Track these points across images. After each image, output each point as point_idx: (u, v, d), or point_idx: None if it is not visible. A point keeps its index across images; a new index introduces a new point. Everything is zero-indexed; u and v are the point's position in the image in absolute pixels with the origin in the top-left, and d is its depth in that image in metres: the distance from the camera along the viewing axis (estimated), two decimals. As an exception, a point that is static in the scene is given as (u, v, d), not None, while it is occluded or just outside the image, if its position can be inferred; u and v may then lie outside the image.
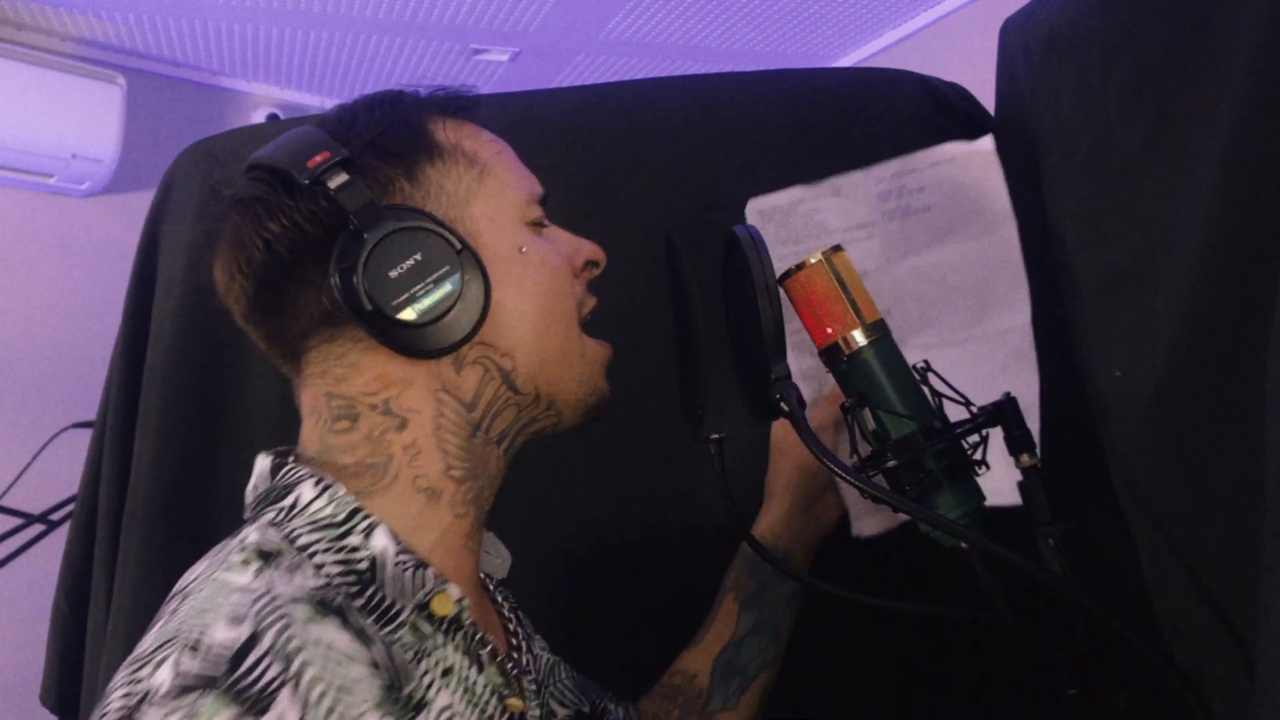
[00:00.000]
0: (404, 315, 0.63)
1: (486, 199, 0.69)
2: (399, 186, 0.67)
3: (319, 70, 2.59)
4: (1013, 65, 0.95)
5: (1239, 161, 0.59)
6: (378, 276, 0.62)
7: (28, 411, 2.14)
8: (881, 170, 0.89)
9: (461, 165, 0.70)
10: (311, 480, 0.64)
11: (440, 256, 0.64)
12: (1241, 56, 0.59)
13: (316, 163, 0.64)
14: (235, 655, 0.51)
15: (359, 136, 0.67)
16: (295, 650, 0.53)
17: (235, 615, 0.53)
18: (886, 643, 1.01)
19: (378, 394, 0.66)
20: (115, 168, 2.30)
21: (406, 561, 0.62)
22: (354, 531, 0.62)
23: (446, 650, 0.63)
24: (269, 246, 0.65)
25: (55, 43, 2.36)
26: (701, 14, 2.31)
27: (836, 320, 0.72)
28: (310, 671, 0.52)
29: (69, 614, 1.10)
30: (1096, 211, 0.78)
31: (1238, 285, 0.60)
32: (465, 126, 0.73)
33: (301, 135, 0.67)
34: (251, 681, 0.50)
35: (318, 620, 0.55)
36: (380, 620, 0.60)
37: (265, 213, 0.66)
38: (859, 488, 0.62)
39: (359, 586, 0.60)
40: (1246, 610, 0.61)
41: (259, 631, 0.52)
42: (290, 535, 0.61)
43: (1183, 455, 0.68)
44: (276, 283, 0.66)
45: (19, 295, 2.29)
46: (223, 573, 0.57)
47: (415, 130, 0.70)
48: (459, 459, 0.67)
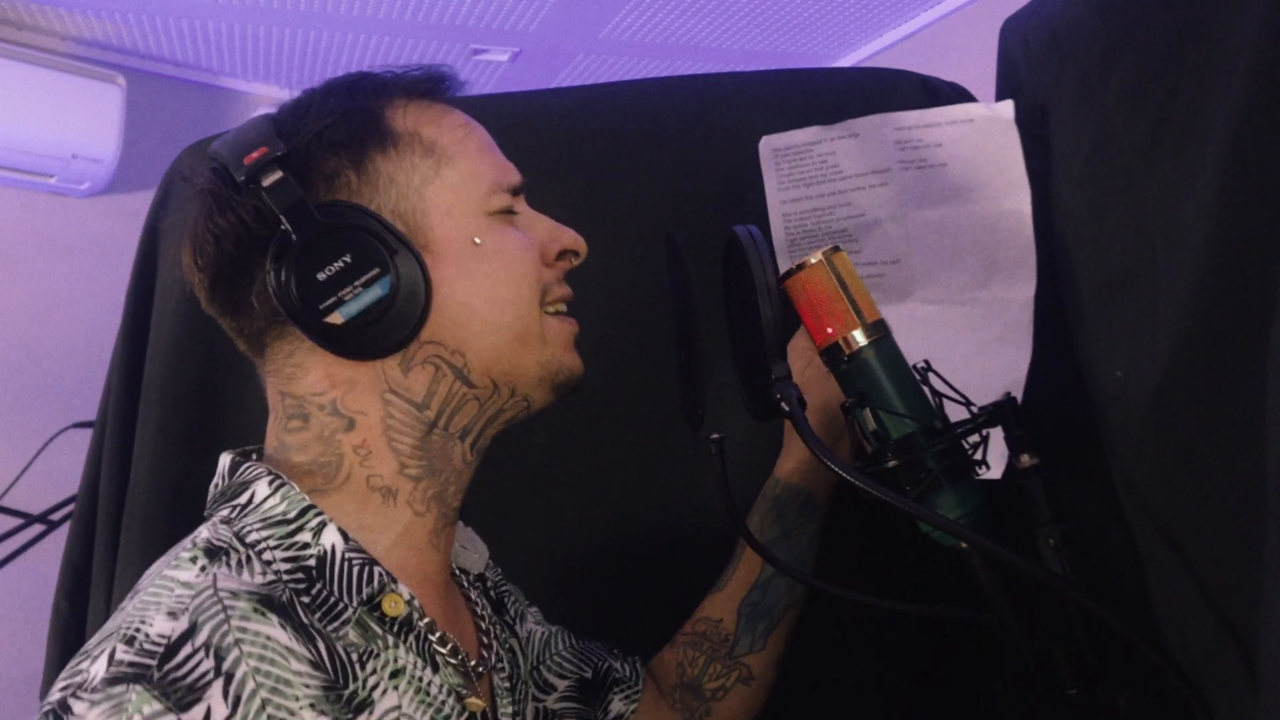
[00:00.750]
0: (331, 319, 0.62)
1: (442, 189, 0.67)
2: (345, 180, 0.65)
3: (319, 70, 2.59)
4: (1013, 65, 0.95)
5: (1240, 161, 0.59)
6: (305, 277, 0.61)
7: (28, 411, 2.14)
8: (901, 118, 0.88)
9: (417, 154, 0.67)
10: (267, 478, 0.63)
11: (372, 258, 0.62)
12: (1242, 56, 0.59)
13: (253, 159, 0.62)
14: (169, 648, 0.51)
15: (306, 128, 0.65)
16: (230, 645, 0.52)
17: (174, 609, 0.53)
18: (886, 643, 1.01)
19: (324, 394, 0.65)
20: (115, 168, 2.30)
21: (355, 559, 0.61)
22: (304, 529, 0.61)
23: (397, 651, 0.62)
24: (218, 242, 0.65)
25: (55, 43, 2.36)
26: (701, 14, 2.30)
27: (837, 320, 0.72)
28: (244, 666, 0.52)
29: (69, 614, 1.10)
30: (1097, 211, 0.78)
31: (1239, 285, 0.60)
32: (430, 110, 0.70)
33: (248, 128, 0.66)
34: (182, 675, 0.50)
35: (258, 616, 0.54)
36: (326, 618, 0.59)
37: (215, 207, 0.65)
38: (859, 488, 0.62)
39: (305, 583, 0.60)
40: (1247, 610, 0.61)
41: (196, 624, 0.52)
42: (241, 532, 0.61)
43: (1184, 455, 0.68)
44: (228, 277, 0.65)
45: (19, 295, 2.29)
46: (170, 570, 0.57)
47: (368, 118, 0.67)
48: (413, 458, 0.66)
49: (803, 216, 0.93)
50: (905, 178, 0.88)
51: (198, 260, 0.66)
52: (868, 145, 0.89)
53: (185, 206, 1.08)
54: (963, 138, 0.86)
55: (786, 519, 0.90)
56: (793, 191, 0.92)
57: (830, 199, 0.92)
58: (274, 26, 2.31)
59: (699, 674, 0.88)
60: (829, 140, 0.91)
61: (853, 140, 0.90)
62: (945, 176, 0.87)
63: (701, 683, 0.88)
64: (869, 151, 0.89)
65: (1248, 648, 0.62)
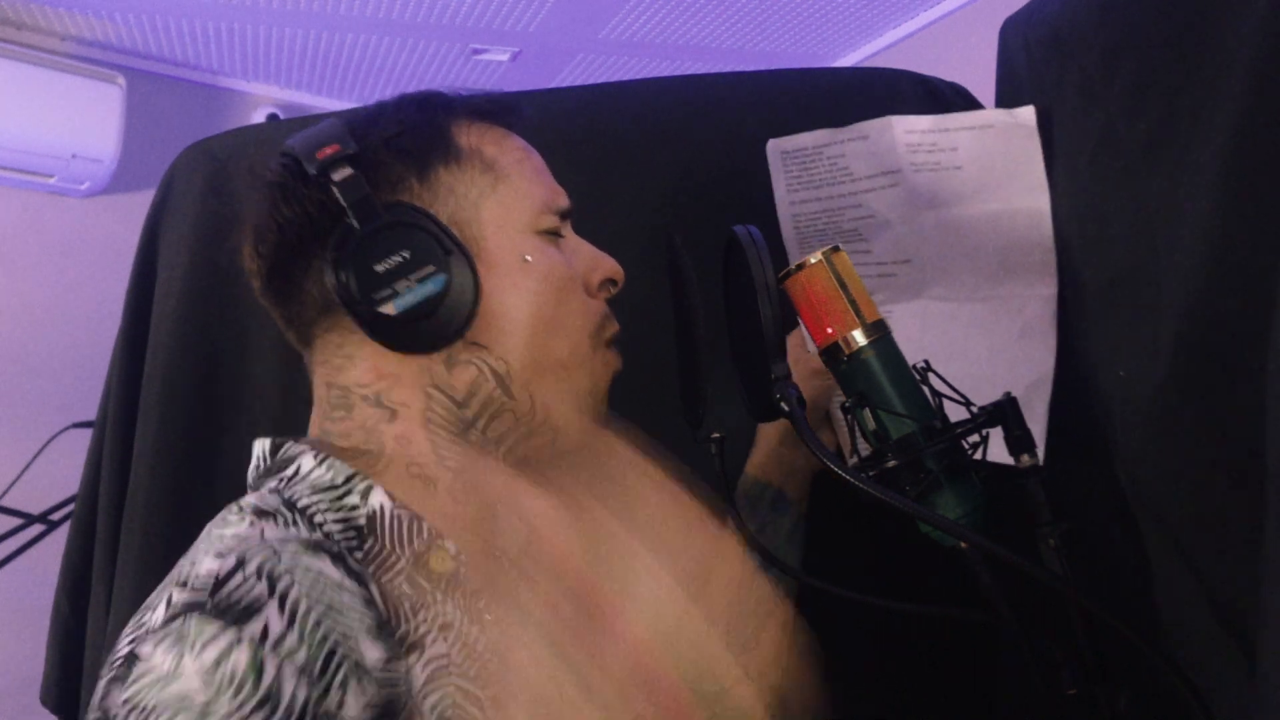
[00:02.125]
0: (384, 309, 0.64)
1: (497, 205, 0.70)
2: (409, 185, 0.68)
3: (319, 70, 2.59)
4: (1013, 65, 0.95)
5: (1242, 160, 0.59)
6: (363, 268, 0.64)
7: (28, 411, 2.14)
8: (914, 122, 0.89)
9: (477, 170, 0.71)
10: (311, 453, 0.65)
11: (428, 256, 0.65)
12: (1244, 55, 0.59)
13: (326, 154, 0.66)
14: (220, 580, 0.53)
15: (377, 133, 0.69)
16: (281, 572, 0.54)
17: (221, 550, 0.55)
18: (886, 643, 1.01)
19: (370, 386, 0.68)
20: (115, 168, 2.30)
21: (404, 515, 0.64)
22: (352, 492, 0.64)
23: (445, 606, 0.63)
24: (281, 230, 0.68)
25: (55, 43, 2.36)
26: (701, 14, 2.30)
27: (836, 320, 0.72)
28: (296, 589, 0.54)
29: (69, 614, 1.10)
30: (1100, 211, 0.78)
31: (1241, 284, 0.60)
32: (492, 131, 0.74)
33: (323, 127, 0.69)
34: (237, 599, 0.52)
35: (308, 553, 0.57)
36: (380, 569, 0.61)
37: (282, 197, 0.68)
38: (859, 488, 0.62)
39: (357, 540, 0.62)
40: (1247, 610, 0.61)
41: (244, 558, 0.54)
42: (290, 499, 0.63)
43: (1186, 454, 0.68)
44: (286, 267, 0.69)
45: (19, 295, 2.29)
46: (217, 528, 0.60)
47: (435, 132, 0.71)
48: (450, 451, 0.68)
49: (813, 218, 0.93)
50: (917, 180, 0.88)
51: (259, 248, 0.70)
52: (877, 148, 0.90)
53: (186, 208, 1.09)
54: (981, 142, 0.87)
55: (759, 514, 0.91)
56: (802, 193, 0.92)
57: (840, 200, 0.92)
58: (274, 26, 2.31)
59: None
60: (839, 143, 0.92)
61: (862, 143, 0.90)
62: (960, 179, 0.87)
63: None
64: (879, 154, 0.90)
65: (1248, 648, 0.62)
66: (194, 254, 1.06)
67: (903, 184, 0.89)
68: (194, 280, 1.05)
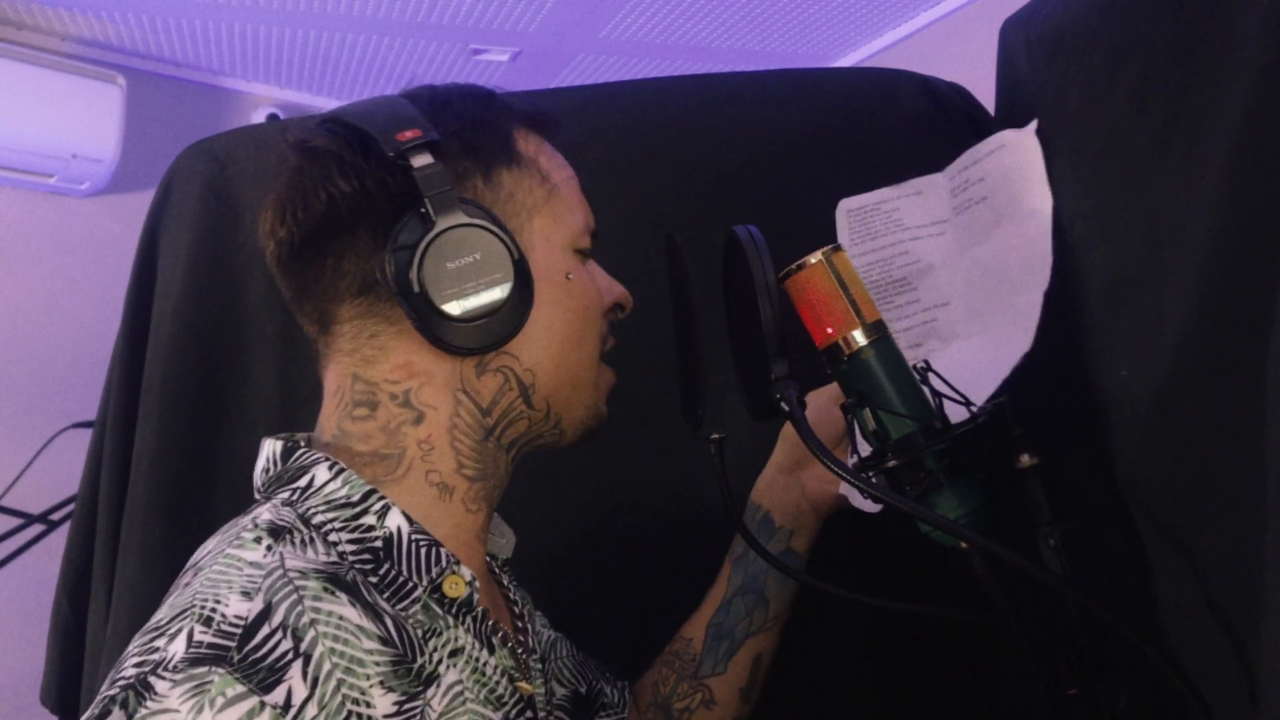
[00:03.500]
0: (448, 307, 0.63)
1: (547, 219, 0.71)
2: (473, 183, 0.68)
3: (319, 70, 2.59)
4: (1014, 65, 0.95)
5: (1247, 160, 0.59)
6: (435, 264, 0.63)
7: (28, 411, 2.14)
8: (954, 166, 0.91)
9: (535, 179, 0.71)
10: (326, 464, 0.64)
11: (498, 262, 0.64)
12: (1249, 56, 0.59)
13: (406, 137, 0.64)
14: (247, 629, 0.52)
15: (449, 124, 0.67)
16: (307, 625, 0.54)
17: (247, 589, 0.54)
18: (887, 643, 1.01)
19: (400, 383, 0.67)
20: (115, 168, 2.30)
21: (421, 541, 0.63)
22: (369, 512, 0.63)
23: (457, 632, 0.64)
24: (331, 201, 0.66)
25: (55, 43, 2.36)
26: (701, 14, 2.30)
27: (837, 320, 0.72)
28: (320, 647, 0.53)
29: (69, 614, 1.10)
30: (1104, 211, 0.78)
31: (1246, 285, 0.60)
32: (544, 145, 0.74)
33: (394, 106, 0.67)
34: (262, 656, 0.51)
35: (328, 596, 0.56)
36: (394, 597, 0.61)
37: (337, 169, 0.66)
38: (859, 487, 0.62)
39: (373, 564, 0.61)
40: (1248, 610, 0.61)
41: (271, 605, 0.53)
42: (305, 514, 0.62)
43: (1187, 455, 0.68)
44: (325, 239, 0.67)
45: (19, 295, 2.29)
46: (234, 549, 0.58)
47: (501, 133, 0.70)
48: (471, 459, 0.68)
49: (867, 269, 0.95)
50: (958, 222, 0.91)
51: (295, 214, 0.67)
52: (930, 200, 0.93)
53: (185, 208, 1.09)
54: (998, 166, 0.88)
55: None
56: (860, 246, 0.95)
57: (891, 249, 0.95)
58: (274, 26, 2.31)
59: (669, 692, 0.89)
60: (895, 199, 0.94)
61: (916, 197, 0.93)
62: (986, 210, 0.88)
63: (671, 701, 0.89)
64: (931, 205, 0.93)
65: (1248, 648, 0.62)
66: (194, 254, 1.06)
67: (949, 230, 0.92)
68: (194, 280, 1.05)
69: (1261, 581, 0.57)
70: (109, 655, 0.99)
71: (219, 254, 1.07)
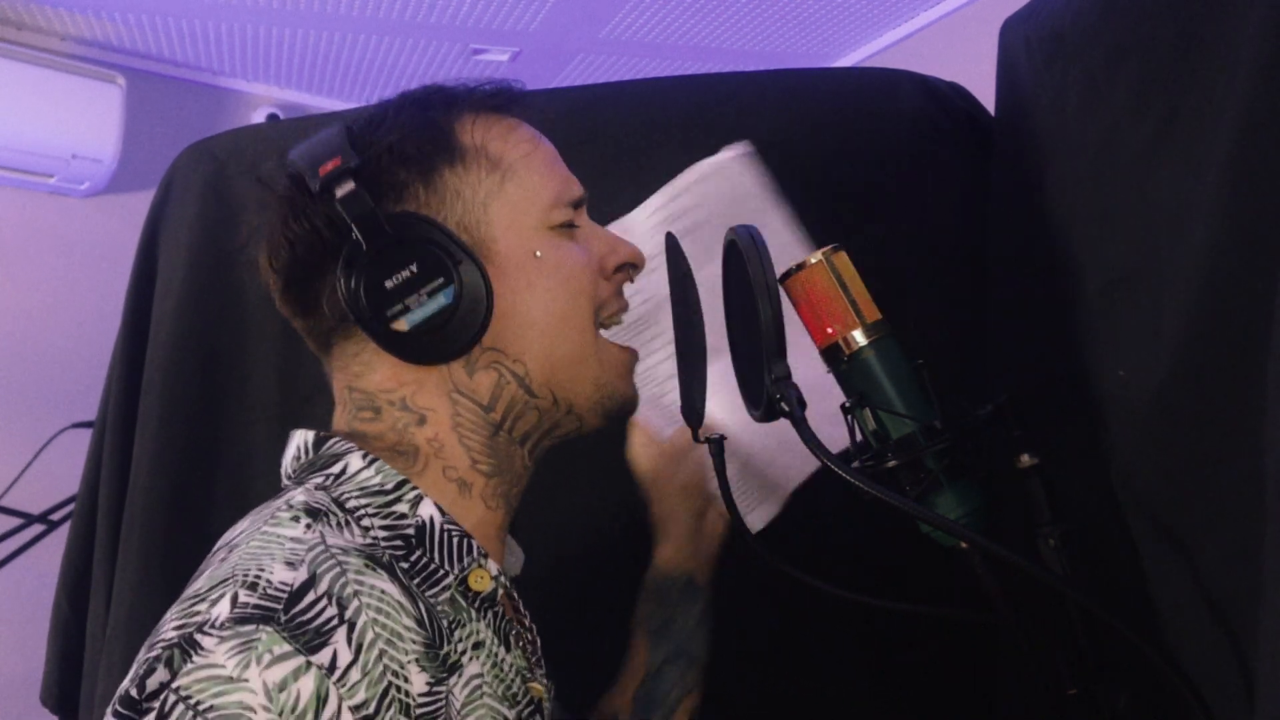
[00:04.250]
0: (396, 326, 0.64)
1: (505, 204, 0.69)
2: (414, 192, 0.67)
3: (319, 70, 2.59)
4: (1014, 65, 0.95)
5: (1246, 161, 0.59)
6: (373, 286, 0.63)
7: (28, 411, 2.14)
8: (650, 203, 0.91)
9: (483, 170, 0.69)
10: (359, 453, 0.65)
11: (437, 268, 0.64)
12: (1248, 56, 0.59)
13: (328, 170, 0.65)
14: (293, 594, 0.52)
15: (379, 141, 0.68)
16: (351, 595, 0.54)
17: (290, 560, 0.55)
18: (887, 643, 1.01)
19: (393, 391, 0.68)
20: (115, 168, 2.29)
21: (453, 531, 0.64)
22: (402, 500, 0.64)
23: (478, 625, 0.64)
24: (292, 247, 0.67)
25: (55, 43, 2.36)
26: (701, 14, 2.30)
27: (837, 320, 0.71)
28: (364, 616, 0.54)
29: (69, 614, 1.10)
30: (1102, 211, 0.78)
31: (1243, 285, 0.60)
32: (498, 125, 0.72)
33: (323, 139, 0.68)
34: (309, 620, 0.51)
35: (370, 570, 0.57)
36: (425, 583, 0.62)
37: (290, 213, 0.68)
38: (860, 487, 0.62)
39: (405, 550, 0.62)
40: (1247, 610, 0.61)
41: (315, 575, 0.54)
42: (339, 498, 0.63)
43: (1185, 456, 0.68)
44: (301, 281, 0.68)
45: (19, 295, 2.29)
46: (271, 526, 0.58)
47: (438, 133, 0.69)
48: (483, 455, 0.68)
49: None
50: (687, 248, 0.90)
51: (273, 263, 0.70)
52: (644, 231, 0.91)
53: (185, 208, 1.09)
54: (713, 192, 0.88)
55: (669, 603, 0.90)
56: None
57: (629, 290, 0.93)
58: (274, 26, 2.31)
59: None
60: None
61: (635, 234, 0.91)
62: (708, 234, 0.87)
63: None
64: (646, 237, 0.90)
65: (1247, 648, 0.62)
66: (194, 254, 1.06)
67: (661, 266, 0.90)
68: (194, 280, 1.05)
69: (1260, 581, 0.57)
70: (109, 655, 0.99)
71: (219, 254, 1.07)
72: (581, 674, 0.87)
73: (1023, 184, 0.92)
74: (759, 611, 1.01)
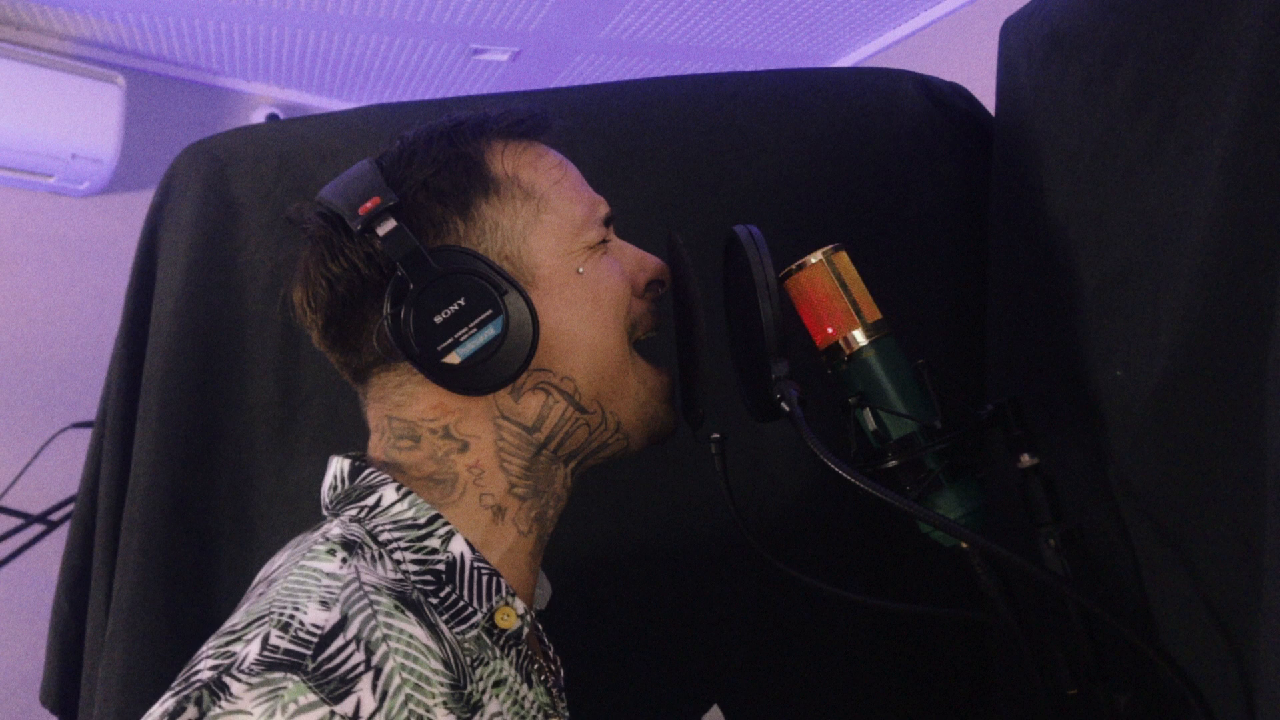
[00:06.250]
0: (448, 360, 0.64)
1: (543, 231, 0.70)
2: (453, 226, 0.68)
3: (319, 70, 2.59)
4: (1014, 65, 0.95)
5: (1243, 162, 0.59)
6: (423, 321, 0.64)
7: (28, 411, 2.14)
8: None
9: (518, 199, 0.70)
10: (394, 484, 0.66)
11: (485, 301, 0.65)
12: (1245, 57, 0.59)
13: (367, 209, 0.65)
14: (323, 638, 0.53)
15: (413, 177, 0.68)
16: (379, 640, 0.55)
17: (325, 599, 0.55)
18: (887, 643, 1.01)
19: (436, 420, 0.68)
20: (115, 168, 2.30)
21: (483, 569, 0.65)
22: (433, 535, 0.64)
23: (502, 663, 0.65)
24: (331, 286, 0.68)
25: (55, 43, 2.36)
26: (701, 14, 2.30)
27: (837, 320, 0.71)
28: (391, 662, 0.54)
29: (69, 614, 1.10)
30: (1100, 211, 0.78)
31: (1241, 285, 0.60)
32: (527, 152, 0.73)
33: (358, 177, 0.68)
34: (335, 666, 0.52)
35: (399, 614, 0.57)
36: (453, 620, 0.62)
37: (328, 253, 0.68)
38: (860, 487, 0.62)
39: (434, 585, 0.63)
40: (1246, 610, 0.61)
41: (347, 616, 0.55)
42: (373, 531, 0.64)
43: (1183, 455, 0.68)
44: (341, 320, 0.69)
45: (19, 295, 2.29)
46: (309, 561, 0.59)
47: (470, 165, 0.70)
48: (521, 478, 0.69)
49: None
50: None
51: (310, 302, 0.70)
52: None
53: (185, 208, 1.09)
54: None
55: None
56: None
57: None
58: (274, 26, 2.31)
59: None
60: None
61: None
62: None
63: None
64: None
65: (1247, 647, 0.62)
66: (194, 254, 1.06)
67: None
68: (194, 280, 1.05)
69: (1259, 580, 0.57)
70: (109, 656, 0.99)
71: (219, 254, 1.07)
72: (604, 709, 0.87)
73: (1022, 184, 0.92)
74: (759, 611, 1.01)
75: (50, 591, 1.12)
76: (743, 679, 0.99)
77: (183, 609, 0.99)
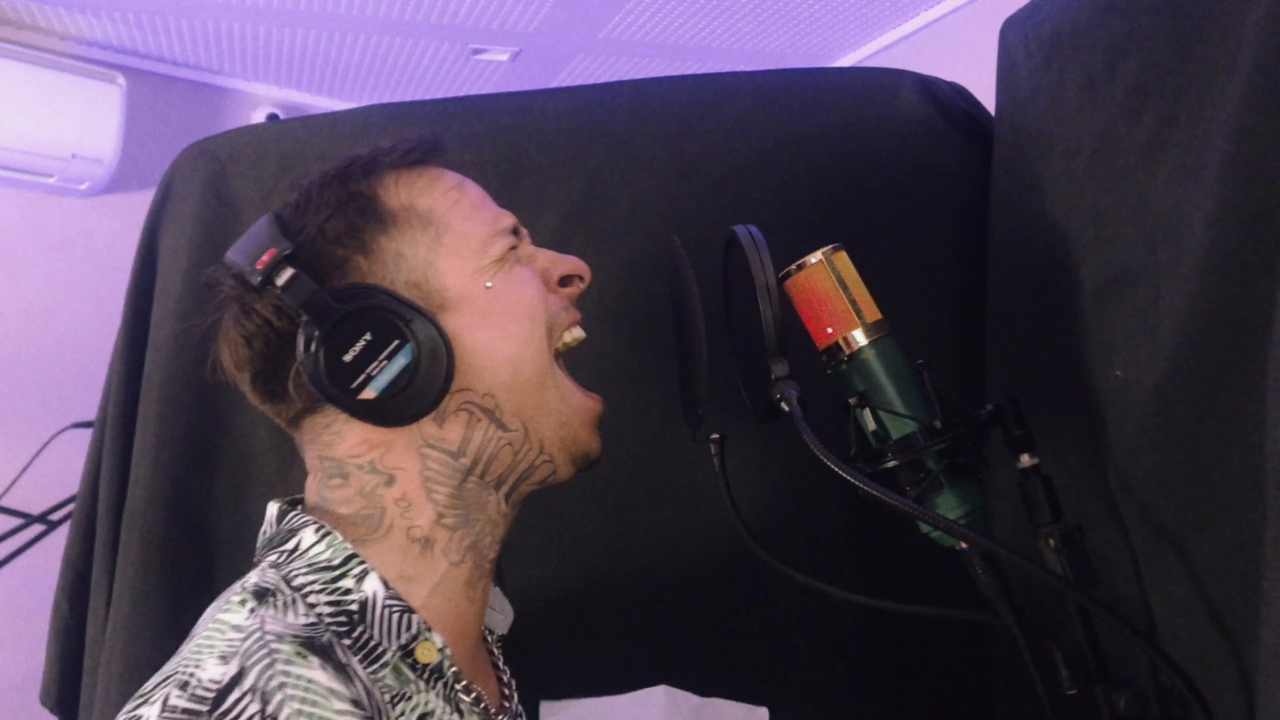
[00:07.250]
0: (365, 395, 0.65)
1: (447, 254, 0.70)
2: (356, 264, 0.68)
3: (319, 70, 2.59)
4: (1014, 65, 0.95)
5: (1243, 162, 0.59)
6: (333, 361, 0.64)
7: (28, 411, 2.14)
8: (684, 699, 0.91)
9: (417, 227, 0.70)
10: (313, 526, 0.66)
11: (390, 331, 0.65)
12: (1245, 57, 0.59)
13: (264, 261, 0.66)
14: (220, 693, 0.53)
15: (310, 224, 0.69)
16: (276, 688, 0.55)
17: (225, 653, 0.56)
18: (886, 644, 1.01)
19: (362, 456, 0.68)
20: (115, 168, 2.30)
21: (395, 606, 0.65)
22: (348, 575, 0.64)
23: (428, 696, 0.65)
24: (250, 343, 0.69)
25: (55, 43, 2.36)
26: (701, 14, 2.30)
27: (837, 320, 0.71)
28: (288, 708, 0.54)
29: (69, 614, 1.10)
30: (1099, 211, 0.78)
31: (1241, 285, 0.60)
32: (421, 179, 0.73)
33: (255, 233, 0.69)
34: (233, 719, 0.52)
35: (299, 660, 0.57)
36: (365, 659, 0.62)
37: (241, 312, 0.69)
38: (860, 487, 0.62)
39: (347, 626, 0.63)
40: (1246, 610, 0.61)
41: (245, 669, 0.55)
42: (288, 576, 0.64)
43: (1182, 456, 0.68)
44: (265, 374, 0.69)
45: (19, 295, 2.29)
46: (222, 614, 0.60)
47: (364, 203, 0.70)
48: (450, 507, 0.69)
49: None
50: None
51: (235, 362, 0.71)
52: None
53: (185, 208, 1.09)
54: None
55: None
56: None
57: None
58: (274, 26, 2.31)
59: None
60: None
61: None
62: None
63: None
64: None
65: (1247, 647, 0.62)
66: (194, 254, 1.06)
67: None
68: (194, 280, 1.05)
69: (1259, 580, 0.57)
70: (109, 656, 0.99)
71: (219, 254, 1.06)
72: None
73: (1022, 184, 0.92)
74: (758, 612, 1.01)
75: (50, 591, 1.12)
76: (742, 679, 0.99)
77: (183, 609, 0.99)
